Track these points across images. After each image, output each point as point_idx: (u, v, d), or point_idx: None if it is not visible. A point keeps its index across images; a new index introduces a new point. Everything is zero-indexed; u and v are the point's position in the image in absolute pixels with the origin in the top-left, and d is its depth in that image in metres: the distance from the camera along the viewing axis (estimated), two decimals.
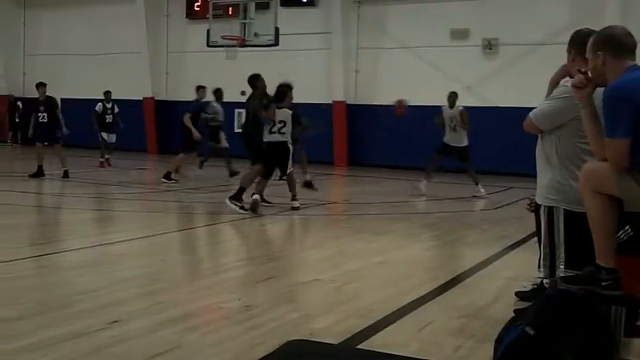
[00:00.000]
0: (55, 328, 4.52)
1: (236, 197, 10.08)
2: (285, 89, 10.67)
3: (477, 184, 13.47)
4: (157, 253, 7.51)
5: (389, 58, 20.05)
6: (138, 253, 7.54)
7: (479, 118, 18.34)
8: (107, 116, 17.81)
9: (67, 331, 4.44)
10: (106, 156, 17.62)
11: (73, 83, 23.92)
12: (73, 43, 24.31)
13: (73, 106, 23.97)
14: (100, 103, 17.99)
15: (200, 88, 15.59)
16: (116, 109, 18.01)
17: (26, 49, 26.28)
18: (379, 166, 18.92)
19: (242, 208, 9.92)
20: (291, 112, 10.45)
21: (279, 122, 10.23)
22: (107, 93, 18.07)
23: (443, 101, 18.96)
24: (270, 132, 10.23)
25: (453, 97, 13.75)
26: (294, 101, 10.83)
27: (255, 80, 10.88)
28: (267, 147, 10.27)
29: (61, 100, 24.78)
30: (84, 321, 4.69)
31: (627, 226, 3.91)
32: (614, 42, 3.59)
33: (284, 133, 10.26)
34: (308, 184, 12.00)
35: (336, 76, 20.29)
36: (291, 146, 10.36)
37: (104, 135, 17.74)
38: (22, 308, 4.97)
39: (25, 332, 4.42)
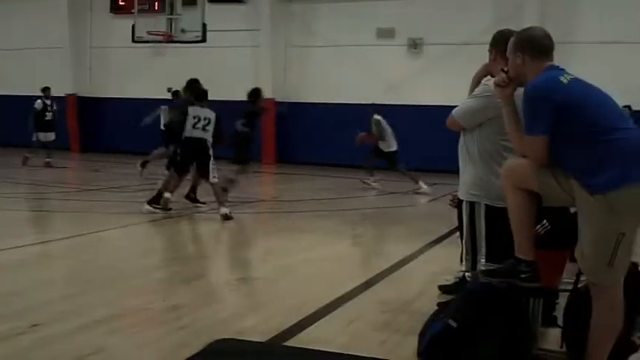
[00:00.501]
0: None
1: (155, 201, 9.94)
2: (198, 86, 10.55)
3: (416, 182, 13.69)
4: (80, 254, 7.35)
5: (317, 55, 20.11)
6: (61, 254, 7.38)
7: (404, 116, 18.61)
8: (47, 114, 16.92)
9: None
10: (47, 159, 16.76)
11: None
12: None
13: None
14: (39, 100, 17.04)
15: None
16: (55, 107, 17.28)
17: None
18: (308, 164, 18.97)
19: (162, 208, 9.81)
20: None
21: (204, 119, 10.10)
22: (46, 89, 17.12)
23: (369, 99, 19.17)
24: (194, 127, 10.07)
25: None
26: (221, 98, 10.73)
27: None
28: (185, 142, 10.06)
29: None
30: (2, 324, 4.56)
31: (545, 221, 4.05)
32: (533, 43, 3.70)
33: (207, 131, 10.11)
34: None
35: (265, 73, 20.24)
36: (211, 147, 10.06)
37: (41, 135, 16.92)
38: None
39: None
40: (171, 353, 4.17)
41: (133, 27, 18.55)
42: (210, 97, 11.11)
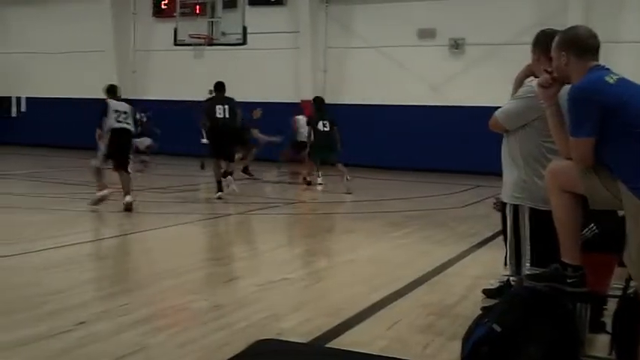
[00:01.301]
0: (20, 329, 4.46)
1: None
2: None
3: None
4: (122, 253, 7.45)
5: (357, 57, 20.08)
6: (104, 253, 7.48)
7: (445, 117, 18.51)
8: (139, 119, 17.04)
9: (32, 333, 4.39)
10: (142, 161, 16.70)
11: (39, 82, 23.64)
12: (39, 41, 23.95)
13: (38, 105, 23.78)
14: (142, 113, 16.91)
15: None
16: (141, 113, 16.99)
17: None
18: (348, 165, 18.91)
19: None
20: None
21: (123, 112, 10.67)
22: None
23: (410, 100, 19.11)
24: (117, 121, 10.60)
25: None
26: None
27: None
28: (112, 133, 10.53)
29: (26, 99, 24.60)
30: (50, 323, 4.64)
31: (592, 224, 3.97)
32: (577, 42, 3.63)
33: (129, 123, 10.76)
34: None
35: (304, 75, 20.28)
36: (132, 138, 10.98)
37: (137, 141, 16.70)
38: None
39: None
40: (212, 353, 4.18)
41: (175, 30, 18.73)
42: (250, 99, 11.27)
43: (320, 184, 14.47)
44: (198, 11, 20.31)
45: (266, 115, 16.83)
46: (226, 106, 12.39)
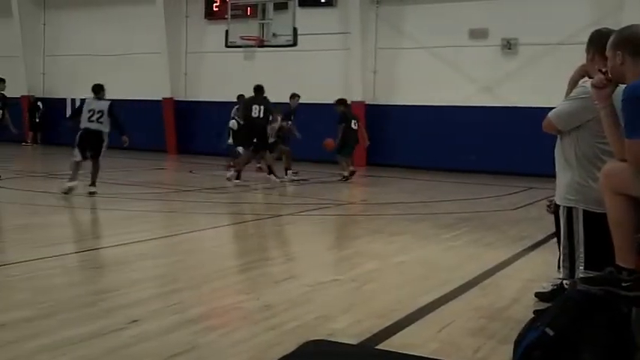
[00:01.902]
0: (74, 327, 4.55)
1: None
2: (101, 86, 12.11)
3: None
4: (175, 253, 7.54)
5: (407, 58, 20.00)
6: (156, 253, 7.59)
7: (498, 118, 18.32)
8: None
9: (86, 331, 4.47)
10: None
11: (92, 84, 24.09)
12: (93, 43, 24.46)
13: None
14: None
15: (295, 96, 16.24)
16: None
17: (46, 50, 26.48)
18: (398, 167, 18.88)
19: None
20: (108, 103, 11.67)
21: (98, 112, 11.41)
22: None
23: (462, 101, 18.96)
24: (89, 120, 11.41)
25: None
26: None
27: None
28: (81, 131, 11.49)
29: (80, 100, 25.11)
30: (103, 320, 4.73)
31: None
32: (633, 42, 3.56)
33: (101, 122, 11.44)
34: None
35: (354, 76, 20.28)
36: (106, 137, 11.59)
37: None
38: (41, 308, 5.01)
39: (44, 332, 4.45)
40: (262, 353, 4.21)
41: (227, 32, 18.90)
42: (300, 100, 11.32)
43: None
44: (249, 13, 20.46)
45: (315, 115, 16.92)
46: (262, 107, 13.98)
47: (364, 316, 5.07)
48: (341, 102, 15.83)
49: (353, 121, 15.62)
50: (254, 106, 14.00)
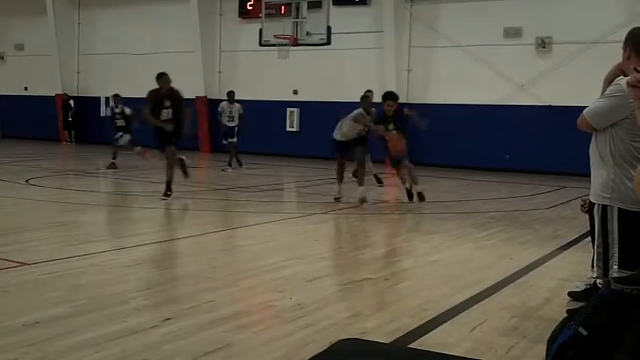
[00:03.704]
0: (108, 325, 4.62)
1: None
2: None
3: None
4: (207, 251, 7.61)
5: (441, 56, 19.92)
6: (189, 251, 7.66)
7: (533, 116, 18.17)
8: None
9: (120, 328, 4.53)
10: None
11: (126, 82, 24.39)
12: (127, 42, 24.73)
13: (127, 105, 24.51)
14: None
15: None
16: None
17: (80, 49, 26.83)
18: (433, 166, 18.81)
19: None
20: None
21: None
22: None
23: (496, 100, 18.85)
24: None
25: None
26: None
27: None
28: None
29: (110, 98, 25.41)
30: (137, 318, 4.79)
31: None
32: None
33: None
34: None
35: (388, 75, 20.24)
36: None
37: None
38: (76, 305, 5.09)
39: (79, 329, 4.52)
40: (295, 351, 4.24)
41: (261, 31, 18.98)
42: (332, 99, 11.26)
43: None
44: (283, 12, 20.53)
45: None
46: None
47: (397, 314, 5.08)
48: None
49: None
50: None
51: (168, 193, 11.10)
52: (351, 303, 5.55)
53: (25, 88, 27.66)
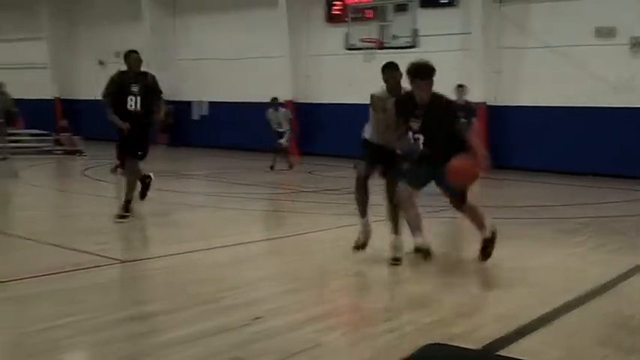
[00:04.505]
0: (199, 322, 4.75)
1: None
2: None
3: None
4: (295, 252, 7.69)
5: (531, 57, 19.50)
6: (278, 251, 7.77)
7: (629, 119, 17.60)
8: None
9: (210, 326, 4.65)
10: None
11: (217, 87, 24.96)
12: (217, 47, 25.23)
13: (219, 109, 25.09)
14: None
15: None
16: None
17: (174, 54, 27.53)
18: (523, 170, 18.45)
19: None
20: None
21: None
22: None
23: (588, 102, 18.33)
24: None
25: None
26: None
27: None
28: None
29: (210, 103, 26.05)
30: (227, 317, 4.90)
31: None
32: None
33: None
34: None
35: (476, 77, 19.96)
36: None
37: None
38: (169, 303, 5.26)
39: (171, 326, 4.68)
40: (382, 354, 4.26)
41: (347, 35, 19.06)
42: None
43: None
44: (369, 16, 20.58)
45: None
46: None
47: (484, 321, 5.03)
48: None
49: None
50: None
51: (126, 214, 9.05)
52: (437, 308, 5.52)
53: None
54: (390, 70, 7.36)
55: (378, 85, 7.42)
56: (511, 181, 16.49)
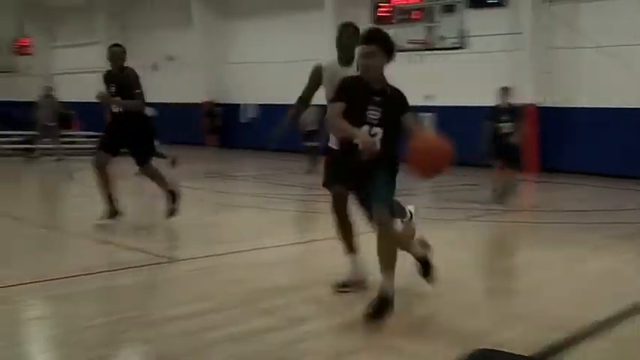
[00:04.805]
0: (248, 321, 4.78)
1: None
2: None
3: None
4: (340, 254, 7.67)
5: (582, 57, 19.16)
6: (320, 253, 7.74)
7: None
8: None
9: (259, 325, 4.68)
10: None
11: (265, 90, 25.09)
12: (265, 50, 25.40)
13: (267, 111, 25.23)
14: None
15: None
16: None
17: (223, 57, 27.82)
18: (570, 172, 18.14)
19: None
20: None
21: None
22: None
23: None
24: None
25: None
26: None
27: None
28: None
29: (259, 105, 26.22)
30: (276, 316, 4.92)
31: None
32: None
33: None
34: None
35: (525, 78, 19.69)
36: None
37: None
38: (219, 301, 5.30)
39: (221, 324, 4.71)
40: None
41: (394, 36, 18.99)
42: (467, 103, 10.99)
43: None
44: (416, 17, 20.49)
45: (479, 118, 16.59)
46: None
47: (534, 327, 4.93)
48: None
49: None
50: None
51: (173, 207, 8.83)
52: (486, 313, 5.44)
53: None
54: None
55: (424, 88, 7.32)
56: (563, 185, 16.24)
